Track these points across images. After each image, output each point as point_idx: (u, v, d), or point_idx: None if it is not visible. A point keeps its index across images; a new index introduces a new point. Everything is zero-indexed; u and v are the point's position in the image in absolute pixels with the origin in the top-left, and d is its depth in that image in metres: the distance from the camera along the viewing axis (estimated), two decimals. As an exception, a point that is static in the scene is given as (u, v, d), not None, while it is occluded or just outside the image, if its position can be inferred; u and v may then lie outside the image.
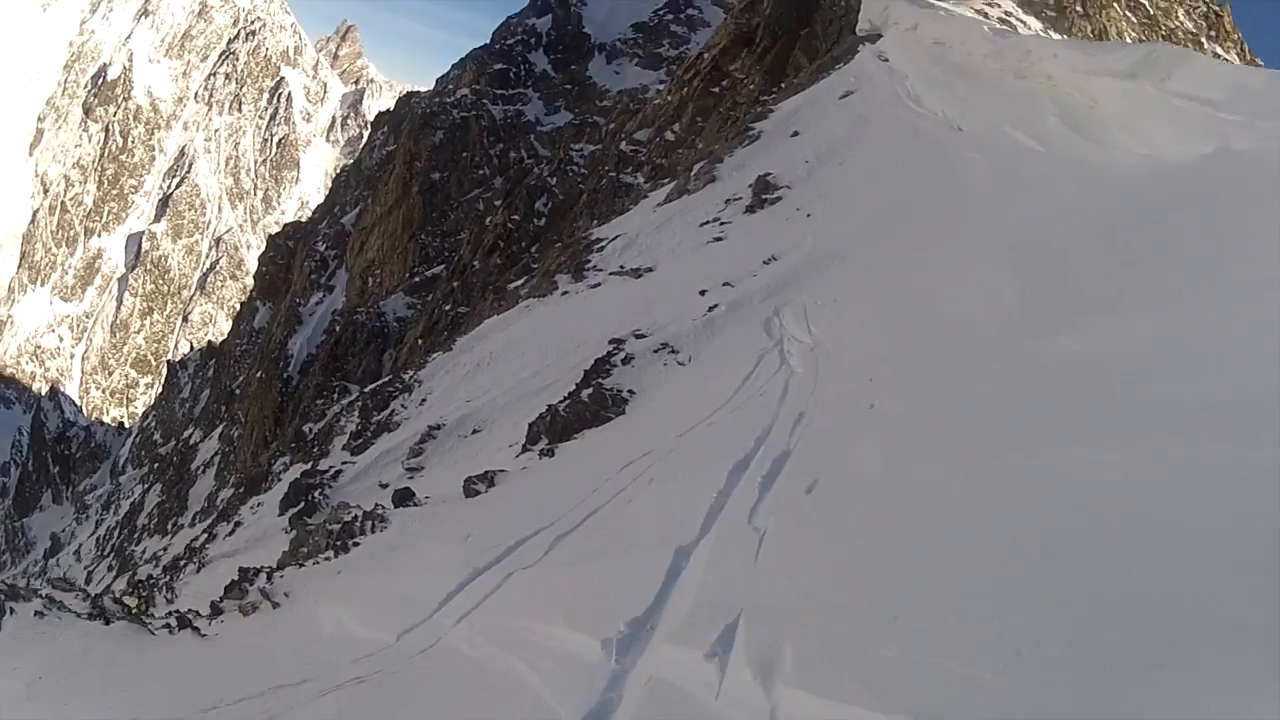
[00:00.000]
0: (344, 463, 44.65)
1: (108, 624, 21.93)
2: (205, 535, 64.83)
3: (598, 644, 10.87)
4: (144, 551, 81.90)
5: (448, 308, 71.72)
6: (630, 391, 28.68)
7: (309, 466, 48.86)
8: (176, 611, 25.69)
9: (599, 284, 46.36)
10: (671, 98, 72.38)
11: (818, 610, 8.88)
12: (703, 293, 33.94)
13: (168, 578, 50.75)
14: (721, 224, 42.87)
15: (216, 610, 25.37)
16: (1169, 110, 27.77)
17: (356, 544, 26.35)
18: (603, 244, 51.31)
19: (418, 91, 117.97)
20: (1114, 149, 28.55)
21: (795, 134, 48.79)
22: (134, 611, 25.57)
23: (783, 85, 60.57)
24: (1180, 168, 23.18)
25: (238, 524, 55.95)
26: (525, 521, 17.80)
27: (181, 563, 60.39)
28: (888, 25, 54.23)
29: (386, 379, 57.49)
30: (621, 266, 45.79)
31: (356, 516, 28.48)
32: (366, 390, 58.09)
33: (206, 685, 16.98)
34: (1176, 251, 17.22)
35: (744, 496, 14.18)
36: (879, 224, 32.38)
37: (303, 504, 40.34)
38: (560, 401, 29.62)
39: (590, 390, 29.18)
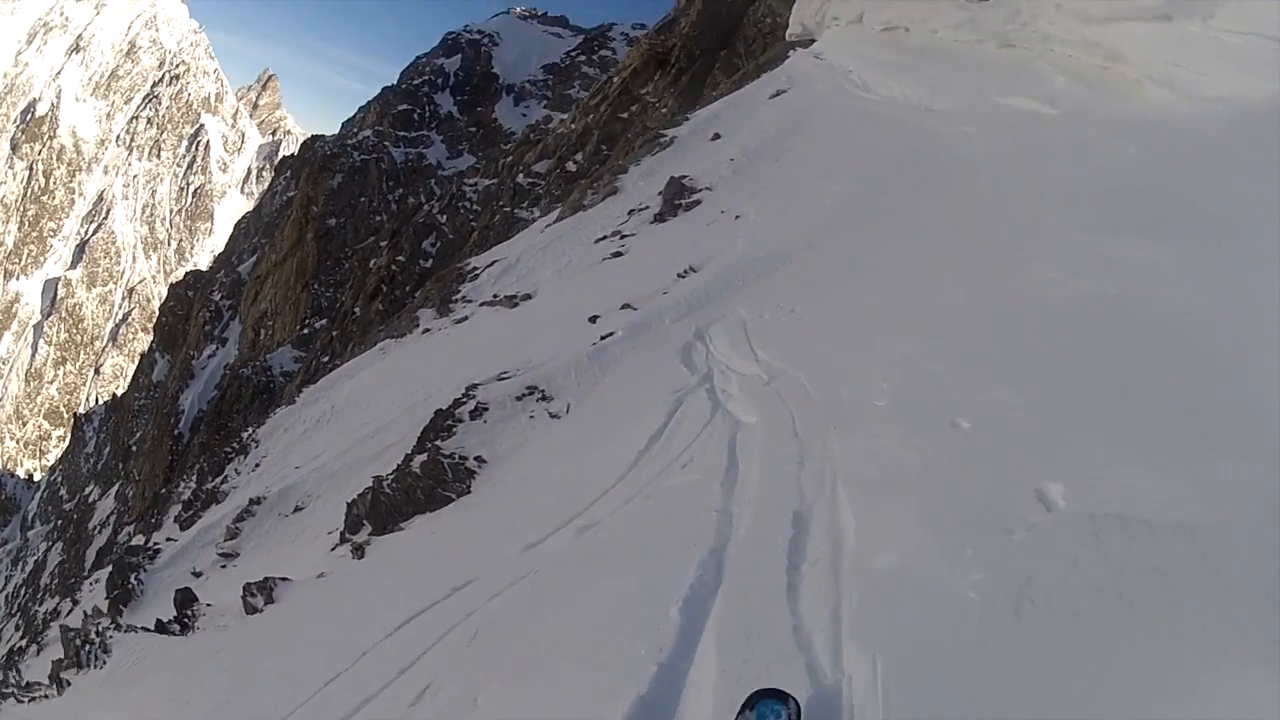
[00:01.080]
0: (168, 539, 36.40)
1: None
2: (49, 612, 59.59)
3: None
4: (46, 612, 72.58)
5: (325, 360, 61.17)
6: (479, 459, 19.38)
7: (140, 542, 40.35)
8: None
9: (465, 318, 36.72)
10: (575, 125, 62.25)
11: None
12: (593, 319, 24.24)
13: (16, 659, 41.96)
14: (622, 237, 32.99)
15: (-53, 743, 21.96)
16: (1222, 50, 20.23)
17: (69, 683, 21.50)
18: (477, 272, 40.03)
19: (323, 136, 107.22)
20: (1152, 103, 20.97)
21: (716, 137, 38.86)
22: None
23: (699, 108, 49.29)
24: (1259, 108, 16.78)
25: (74, 602, 47.63)
26: (239, 700, 12.56)
27: (24, 643, 51.39)
28: (825, 24, 43.68)
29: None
30: (494, 295, 36.00)
31: (90, 637, 22.52)
32: (204, 452, 49.00)
33: None
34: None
35: None
36: (842, 216, 23.00)
37: (119, 589, 32.26)
38: (388, 475, 20.59)
39: (424, 458, 19.85)
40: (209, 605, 21.04)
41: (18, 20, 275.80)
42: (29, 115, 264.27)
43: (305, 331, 78.54)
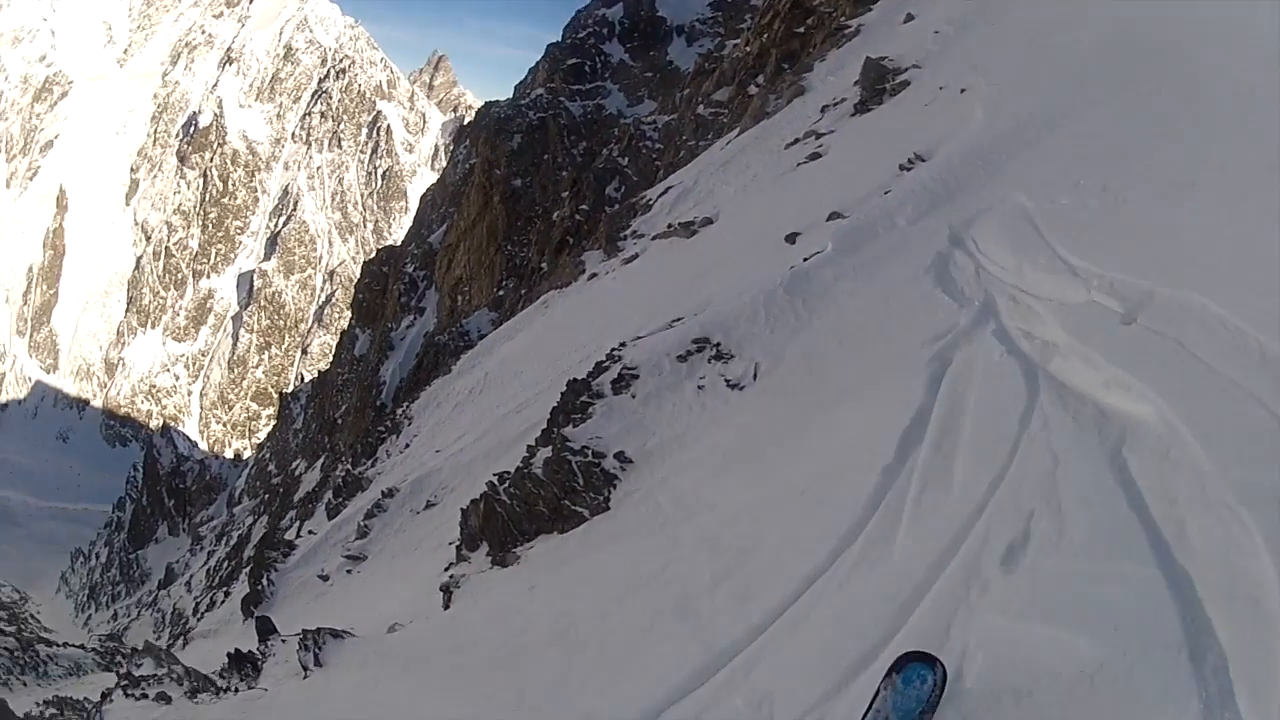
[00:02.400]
0: (309, 532, 34.17)
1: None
2: (204, 604, 59.71)
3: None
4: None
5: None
6: (620, 458, 12.58)
7: (284, 532, 39.66)
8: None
9: (635, 255, 30.35)
10: (750, 48, 54.43)
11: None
12: (791, 238, 17.22)
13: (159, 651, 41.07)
14: (818, 137, 25.70)
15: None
16: None
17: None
18: (650, 202, 34.91)
19: (497, 101, 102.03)
20: None
21: (909, 18, 31.22)
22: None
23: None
24: None
25: (226, 593, 49.32)
26: None
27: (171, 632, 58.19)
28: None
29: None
30: (669, 225, 29.10)
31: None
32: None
33: None
34: None
35: None
36: (1115, 65, 15.76)
37: (253, 589, 31.30)
38: (509, 475, 14.60)
39: (549, 453, 13.57)
40: (283, 641, 16.67)
41: (154, 45, 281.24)
42: (191, 128, 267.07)
43: (500, 293, 74.08)
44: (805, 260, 14.44)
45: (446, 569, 16.02)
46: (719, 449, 11.14)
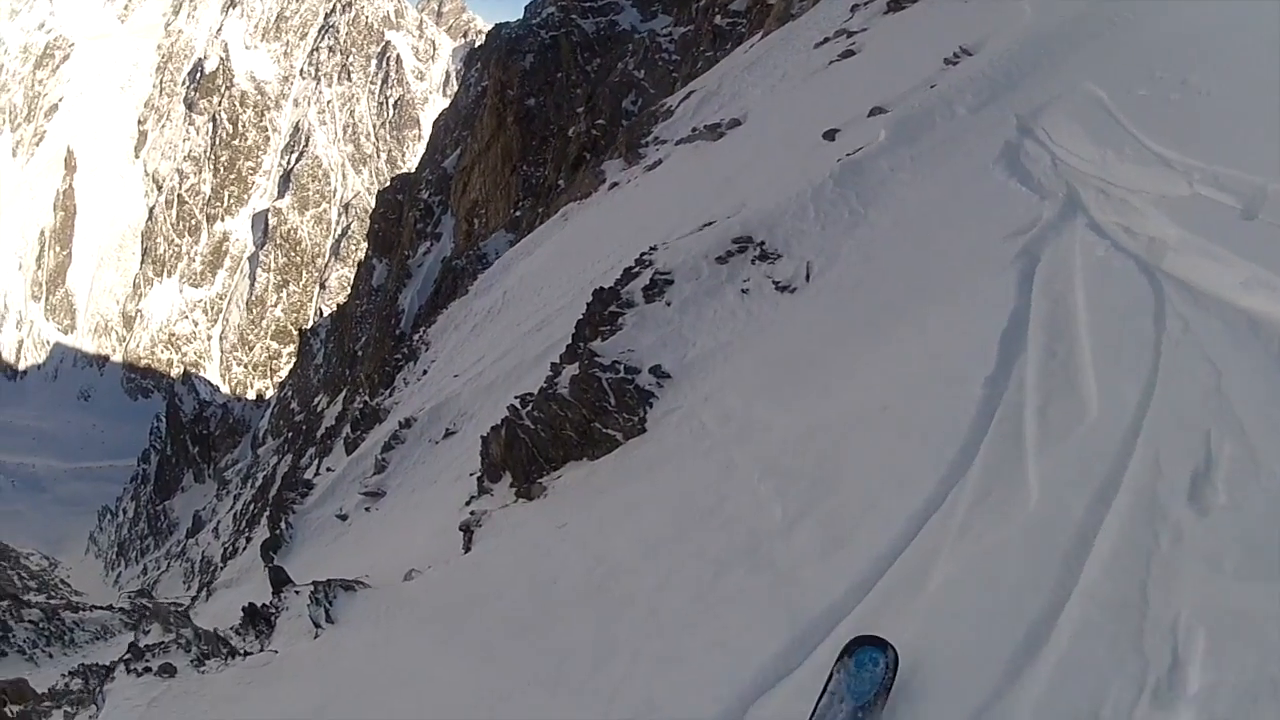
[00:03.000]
0: (327, 469, 33.47)
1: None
2: (230, 549, 59.93)
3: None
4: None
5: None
6: (657, 373, 11.54)
7: (304, 471, 39.74)
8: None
9: (658, 162, 28.97)
10: (770, -47, 52.78)
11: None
12: (830, 135, 16.06)
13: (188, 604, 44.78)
14: (850, 35, 24.47)
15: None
16: None
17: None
18: (671, 109, 33.87)
19: (508, 23, 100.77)
20: None
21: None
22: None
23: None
24: None
25: (248, 539, 49.35)
26: None
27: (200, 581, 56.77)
28: None
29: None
30: (693, 129, 27.83)
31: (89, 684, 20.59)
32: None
33: None
34: None
35: None
36: None
37: (272, 534, 30.30)
38: (528, 399, 13.75)
39: (576, 371, 12.50)
40: (296, 593, 15.82)
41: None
42: (197, 74, 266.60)
43: (517, 214, 73.51)
44: (849, 155, 13.27)
45: (467, 503, 15.34)
46: (771, 359, 10.15)
